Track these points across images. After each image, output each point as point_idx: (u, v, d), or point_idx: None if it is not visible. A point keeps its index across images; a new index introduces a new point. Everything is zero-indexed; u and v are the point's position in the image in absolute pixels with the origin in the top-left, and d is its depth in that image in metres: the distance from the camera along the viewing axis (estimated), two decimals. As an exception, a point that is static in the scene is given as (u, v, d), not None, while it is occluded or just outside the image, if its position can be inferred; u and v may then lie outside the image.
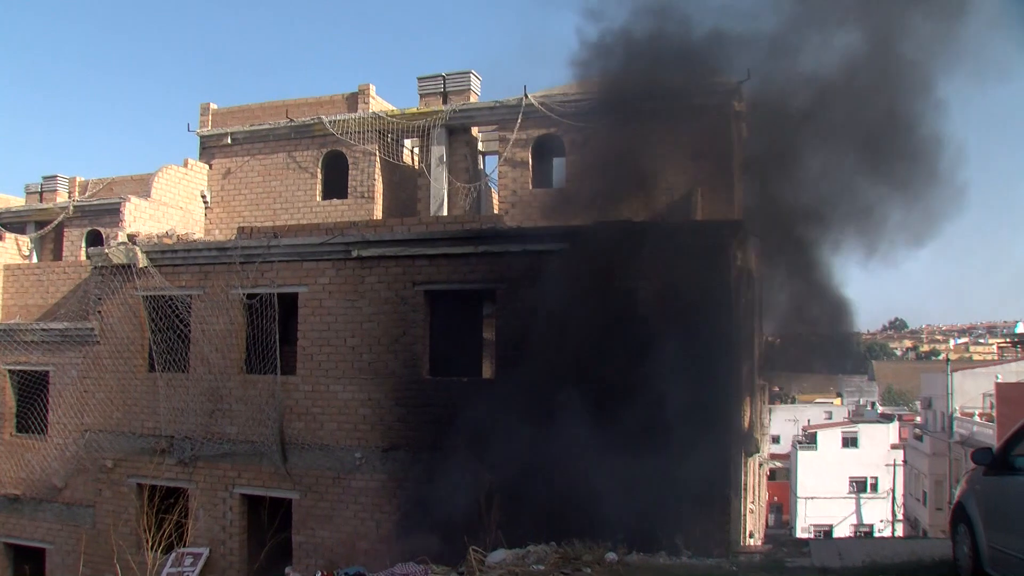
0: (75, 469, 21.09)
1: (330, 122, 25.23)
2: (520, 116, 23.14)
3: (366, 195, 24.51)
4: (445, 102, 24.66)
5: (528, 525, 14.68)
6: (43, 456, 21.72)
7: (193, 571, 18.96)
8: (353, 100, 25.83)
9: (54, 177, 30.14)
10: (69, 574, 20.89)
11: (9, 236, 27.79)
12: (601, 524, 13.81)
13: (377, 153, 24.87)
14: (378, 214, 24.35)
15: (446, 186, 24.28)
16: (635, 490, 13.97)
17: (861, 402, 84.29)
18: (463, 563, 13.39)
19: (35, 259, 28.32)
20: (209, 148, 26.93)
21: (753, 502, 18.80)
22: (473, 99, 24.73)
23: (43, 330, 21.91)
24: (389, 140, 25.29)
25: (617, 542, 13.49)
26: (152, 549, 18.62)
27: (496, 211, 23.44)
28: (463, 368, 17.80)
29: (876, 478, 61.99)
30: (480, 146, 25.68)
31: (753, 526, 18.69)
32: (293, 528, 18.52)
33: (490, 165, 25.62)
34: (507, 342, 17.10)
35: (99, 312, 20.97)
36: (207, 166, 26.79)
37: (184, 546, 19.34)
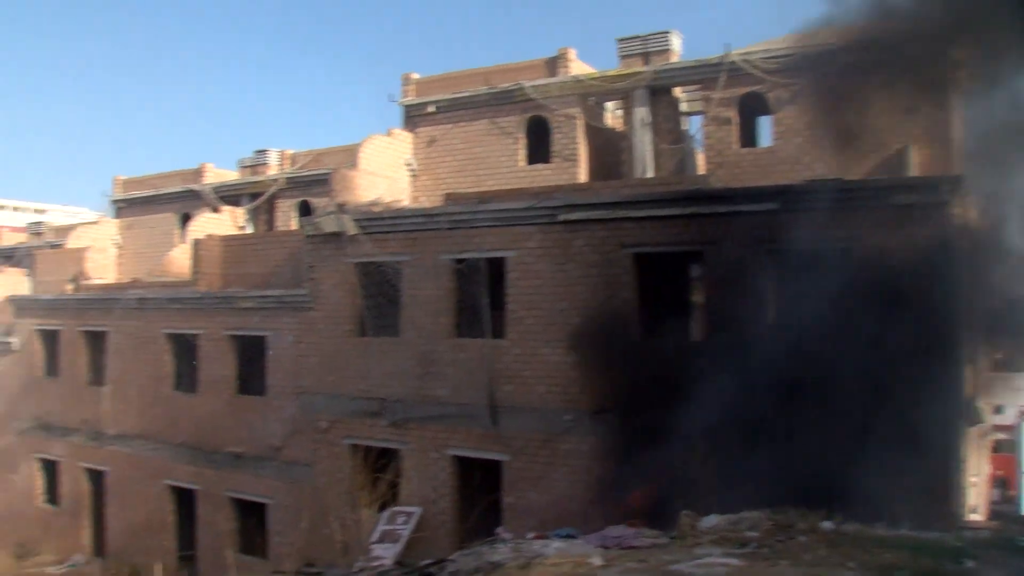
0: (292, 429, 23.05)
1: (531, 87, 26.28)
2: (724, 74, 23.39)
3: (570, 159, 25.42)
4: (646, 63, 25.21)
5: (740, 491, 14.70)
6: (262, 416, 23.87)
7: (405, 529, 20.21)
8: (553, 64, 26.76)
9: (265, 151, 32.55)
10: (288, 528, 22.85)
11: (225, 208, 30.43)
12: (816, 492, 13.78)
13: (579, 117, 25.71)
14: (582, 178, 25.22)
15: (650, 148, 24.85)
16: (852, 458, 14.10)
17: (1097, 370, 78.72)
18: (675, 527, 13.74)
19: (250, 230, 30.84)
20: (412, 117, 28.53)
21: (975, 475, 18.56)
22: (674, 59, 25.15)
23: (260, 297, 24.03)
24: (591, 103, 26.12)
25: (833, 511, 13.50)
26: (367, 507, 20.31)
27: (702, 172, 23.88)
28: (671, 331, 18.13)
29: (1113, 450, 58.34)
30: (683, 106, 26.03)
31: (976, 501, 18.47)
32: (503, 490, 19.49)
33: (694, 125, 26.03)
34: (716, 305, 17.48)
35: (312, 279, 22.74)
36: (411, 135, 28.39)
37: (397, 505, 20.87)
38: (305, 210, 29.36)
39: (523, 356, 19.37)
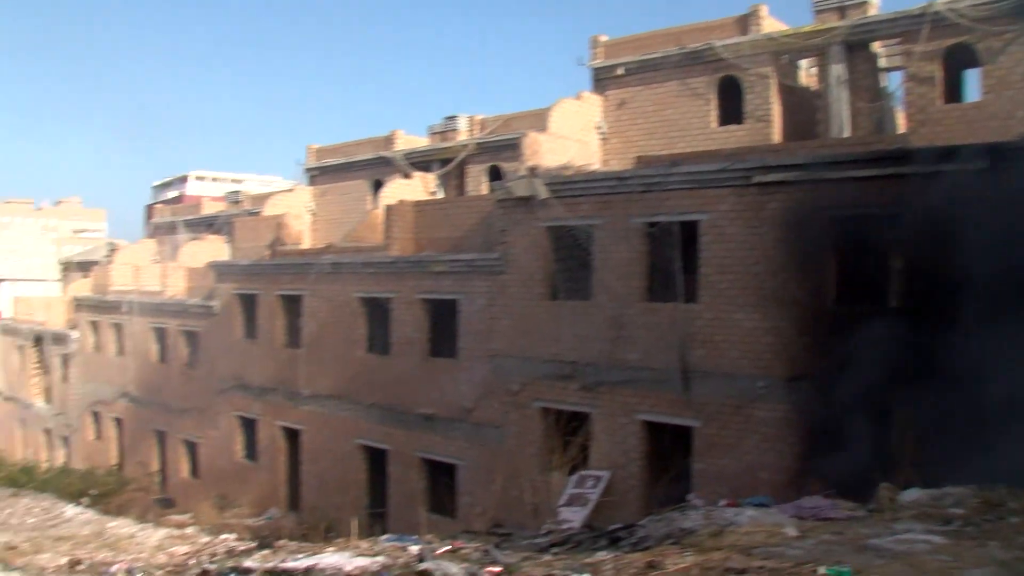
0: (483, 392, 23.91)
1: (722, 47, 26.25)
2: (927, 25, 22.81)
3: (763, 119, 25.31)
4: (842, 17, 24.77)
5: (944, 465, 14.40)
6: (454, 379, 24.84)
7: (594, 493, 20.68)
8: (744, 22, 26.64)
9: (455, 117, 33.60)
10: (478, 489, 23.80)
11: (417, 174, 31.61)
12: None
13: (772, 76, 25.55)
14: (776, 139, 25.09)
15: (846, 106, 24.49)
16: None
17: None
18: (872, 499, 13.47)
19: (441, 195, 31.92)
20: (602, 80, 28.93)
21: None
22: (872, 12, 24.60)
23: (451, 261, 24.95)
24: (784, 62, 25.90)
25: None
26: (556, 470, 20.92)
27: (902, 130, 23.39)
28: (870, 296, 17.95)
29: None
30: (882, 62, 25.48)
31: None
32: (693, 456, 19.73)
33: (894, 81, 25.44)
34: (917, 269, 17.13)
35: (504, 243, 23.47)
36: (600, 98, 28.79)
37: (586, 469, 21.43)
38: (495, 175, 30.19)
39: (715, 321, 19.49)
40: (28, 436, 49.48)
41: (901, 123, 24.50)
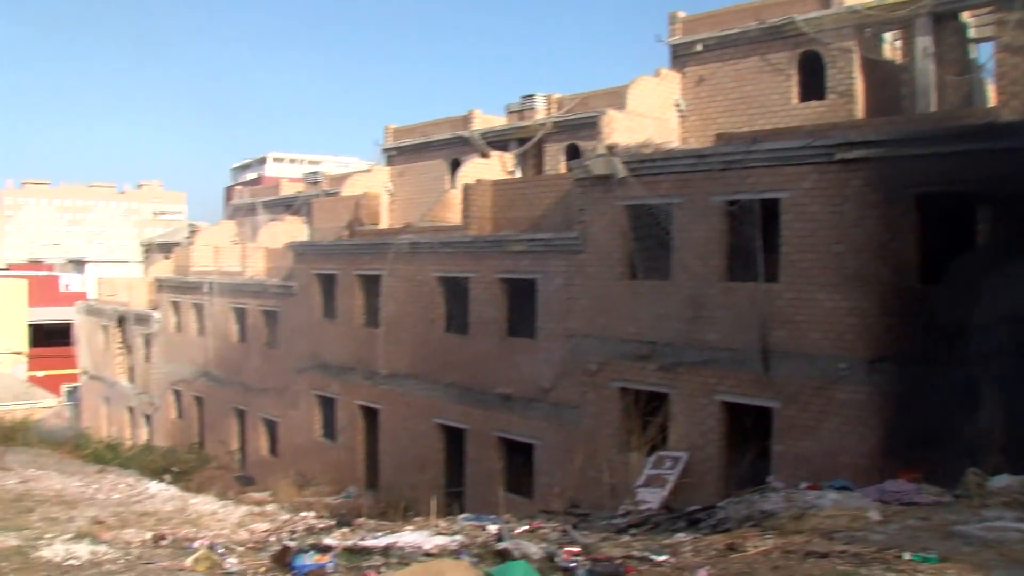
0: (561, 372, 24.10)
1: (803, 21, 25.98)
2: (1024, -8, 22.30)
3: (845, 94, 25.03)
4: (931, -15, 24.38)
5: None
6: (531, 358, 25.05)
7: (672, 474, 20.76)
8: (826, -5, 26.32)
9: (532, 96, 33.72)
10: (555, 469, 24.02)
11: (494, 154, 31.86)
12: None
13: (855, 50, 25.22)
14: (859, 114, 24.81)
15: (933, 80, 24.13)
16: None
17: None
18: (959, 485, 13.26)
19: (518, 174, 32.11)
20: (680, 56, 28.85)
21: None
22: (963, -21, 24.21)
23: (530, 240, 25.14)
24: (867, 35, 25.53)
25: None
26: (634, 451, 21.05)
27: (993, 104, 22.96)
28: (955, 276, 17.45)
29: None
30: (972, 32, 25.03)
31: None
32: (773, 437, 19.69)
33: (984, 53, 24.99)
34: (1006, 249, 16.82)
35: (582, 222, 23.59)
36: (679, 75, 28.72)
37: (664, 449, 21.53)
38: (573, 153, 30.25)
39: (796, 300, 19.40)
40: (113, 414, 51.03)
41: (991, 96, 24.01)
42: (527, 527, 14.87)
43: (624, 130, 26.39)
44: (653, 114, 27.61)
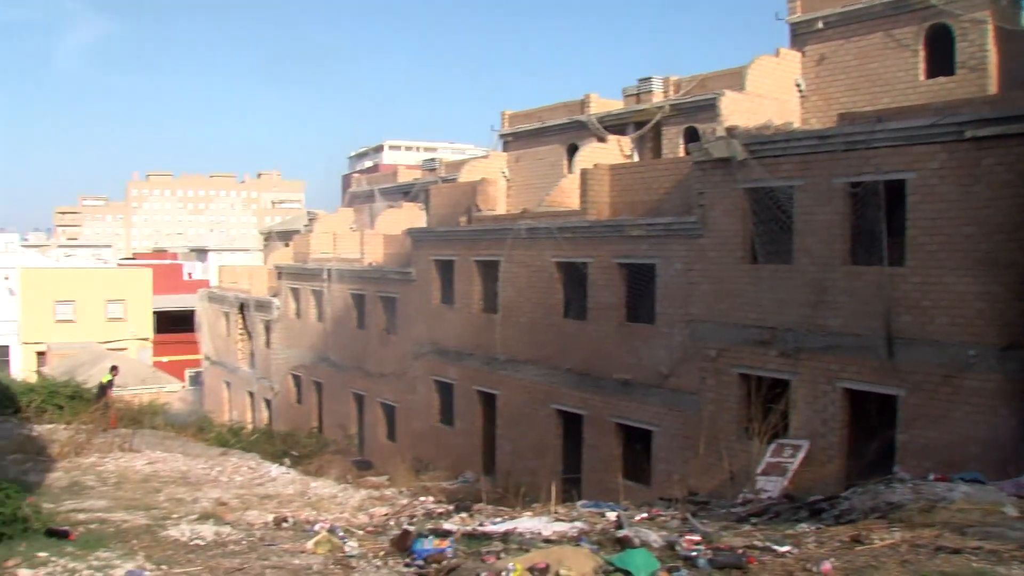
0: (680, 357, 24.21)
1: (934, -9, 25.43)
2: None
3: (977, 68, 24.44)
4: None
5: None
6: (650, 344, 25.23)
7: (792, 462, 20.63)
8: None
9: (649, 79, 33.75)
10: (673, 456, 24.21)
11: (611, 138, 32.02)
12: None
13: (989, 20, 24.57)
14: (992, 89, 24.20)
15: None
16: None
17: None
18: None
19: (636, 158, 32.20)
20: (801, 35, 28.54)
21: None
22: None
23: (649, 225, 25.25)
24: (1003, 4, 24.84)
25: None
26: (754, 438, 21.02)
27: None
28: None
29: None
30: None
31: None
32: (898, 426, 19.43)
33: None
34: None
35: (702, 206, 23.60)
36: (799, 54, 28.43)
37: (785, 437, 21.44)
38: (691, 136, 30.21)
39: (923, 285, 19.09)
40: (234, 398, 52.91)
41: None
42: (646, 515, 15.07)
43: (743, 112, 26.24)
44: (773, 95, 27.37)
